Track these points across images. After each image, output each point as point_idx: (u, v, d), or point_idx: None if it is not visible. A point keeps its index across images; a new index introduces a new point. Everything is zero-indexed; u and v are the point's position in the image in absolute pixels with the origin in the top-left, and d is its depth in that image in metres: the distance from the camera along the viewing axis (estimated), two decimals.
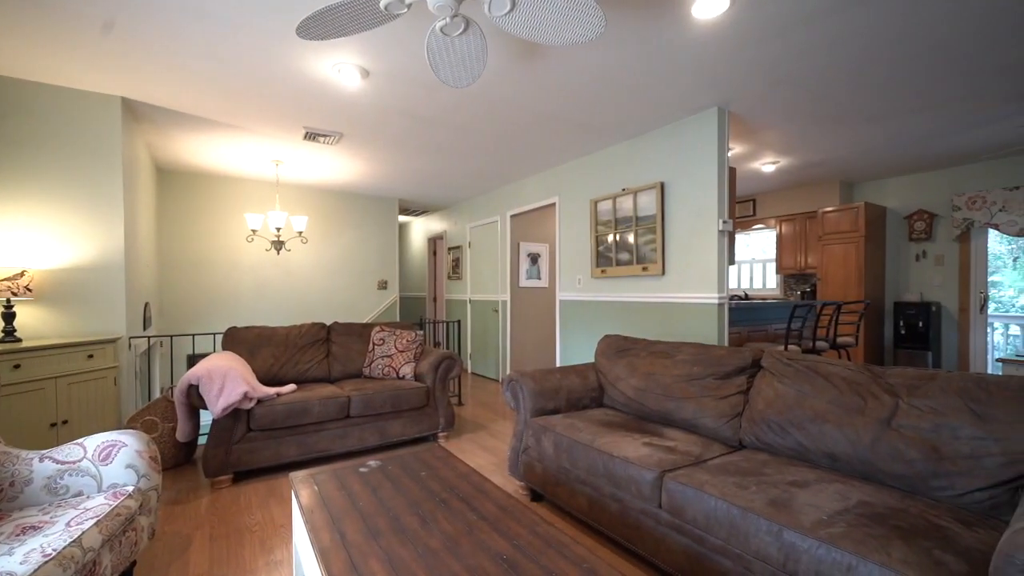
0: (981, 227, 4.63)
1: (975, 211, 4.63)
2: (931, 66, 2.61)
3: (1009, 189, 4.43)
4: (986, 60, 2.55)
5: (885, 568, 1.17)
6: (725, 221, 3.18)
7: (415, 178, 5.18)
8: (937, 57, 2.51)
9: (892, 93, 2.96)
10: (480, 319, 6.16)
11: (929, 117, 3.39)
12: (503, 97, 3.01)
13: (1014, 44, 2.38)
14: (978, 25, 2.21)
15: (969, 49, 2.43)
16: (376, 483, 1.67)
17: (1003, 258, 4.88)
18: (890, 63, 2.57)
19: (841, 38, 2.31)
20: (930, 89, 2.91)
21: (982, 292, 4.75)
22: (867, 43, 2.36)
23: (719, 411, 2.18)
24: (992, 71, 2.67)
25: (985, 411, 1.50)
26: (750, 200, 6.30)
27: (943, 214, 4.92)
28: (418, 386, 3.33)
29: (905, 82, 2.81)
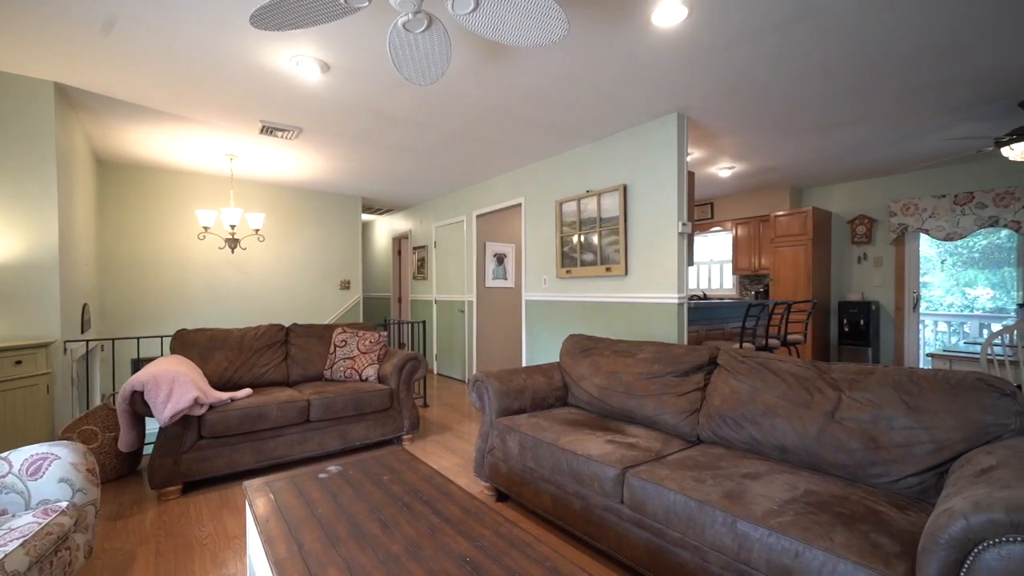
0: (914, 232, 5.00)
1: (909, 217, 4.98)
2: (869, 81, 2.79)
3: (937, 197, 4.79)
4: (918, 77, 2.74)
5: (828, 553, 1.24)
6: (684, 223, 3.28)
7: (379, 176, 5.08)
8: (874, 73, 2.68)
9: (835, 105, 3.15)
10: (446, 319, 6.11)
11: (868, 128, 3.63)
12: (468, 96, 2.99)
13: (941, 63, 2.58)
14: (911, 44, 2.38)
15: (903, 66, 2.61)
16: (336, 489, 1.63)
17: (932, 261, 5.28)
18: (832, 77, 2.73)
19: (788, 52, 2.43)
20: (869, 102, 3.11)
21: (915, 292, 5.12)
22: (811, 57, 2.50)
23: (678, 408, 2.25)
24: (923, 87, 2.89)
25: (916, 403, 1.61)
26: (708, 203, 6.54)
27: (881, 219, 5.27)
28: (382, 388, 3.26)
29: (846, 95, 2.99)
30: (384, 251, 8.04)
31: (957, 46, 2.40)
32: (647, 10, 2.09)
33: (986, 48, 2.42)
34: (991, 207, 4.48)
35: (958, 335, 5.16)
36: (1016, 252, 4.57)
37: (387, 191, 5.86)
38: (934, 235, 4.83)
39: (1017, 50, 2.44)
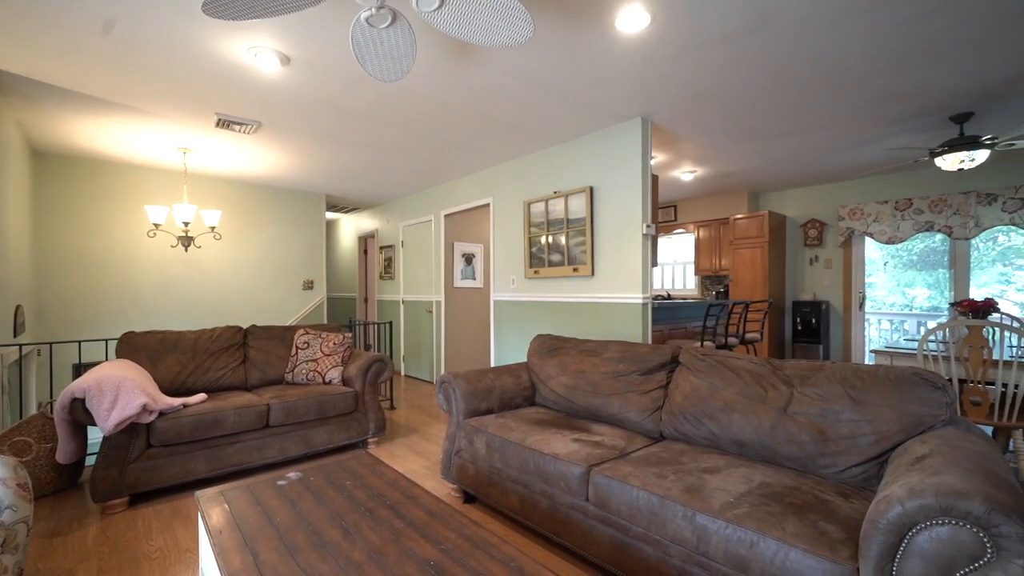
0: (860, 235, 5.31)
1: (855, 221, 5.29)
2: (818, 93, 2.94)
3: (880, 203, 5.11)
4: (862, 90, 2.91)
5: (781, 542, 1.30)
6: (649, 225, 3.37)
7: (343, 173, 4.95)
8: (823, 85, 2.83)
9: (788, 114, 3.30)
10: (414, 320, 6.03)
11: (819, 137, 3.83)
12: (436, 95, 2.96)
13: (882, 79, 2.75)
14: (856, 60, 2.52)
15: (849, 80, 2.77)
16: (296, 496, 1.57)
17: (876, 263, 5.62)
18: (785, 87, 2.86)
19: (743, 62, 2.54)
20: (818, 113, 3.28)
21: (861, 292, 5.44)
22: (765, 68, 2.61)
23: (642, 405, 2.30)
24: (866, 100, 3.07)
25: (860, 397, 1.71)
26: (672, 206, 6.73)
27: (831, 223, 5.57)
28: (346, 391, 3.18)
29: (798, 105, 3.14)
30: (350, 250, 7.86)
31: (896, 64, 2.56)
32: (611, 16, 2.12)
33: (921, 67, 2.60)
34: (927, 213, 4.82)
35: (899, 332, 5.51)
36: (949, 255, 4.92)
37: (352, 189, 5.73)
38: (877, 238, 5.14)
39: (947, 70, 2.63)
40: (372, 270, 7.39)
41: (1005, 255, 4.72)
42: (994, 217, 4.45)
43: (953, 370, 2.60)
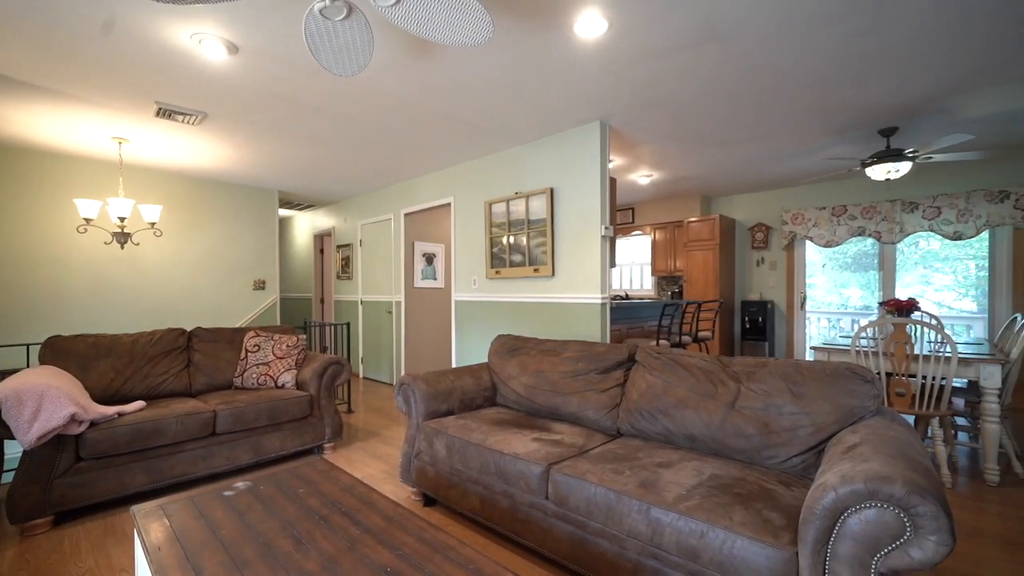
0: (801, 239, 5.65)
1: (797, 225, 5.63)
2: (764, 103, 3.11)
3: (819, 208, 5.46)
4: (802, 103, 3.11)
5: (728, 531, 1.37)
6: (607, 227, 3.44)
7: (298, 169, 4.77)
8: (769, 96, 3.00)
9: (737, 123, 3.47)
10: (373, 321, 5.89)
11: (764, 146, 4.05)
12: (395, 91, 2.91)
13: (823, 91, 2.94)
14: (797, 75, 2.69)
15: (791, 93, 2.94)
16: (244, 507, 1.50)
17: (816, 264, 6.01)
18: (734, 97, 3.01)
19: (696, 70, 2.65)
20: (764, 122, 3.46)
21: (802, 292, 5.79)
22: (715, 78, 2.73)
23: (600, 403, 2.35)
24: (807, 112, 3.27)
25: (800, 391, 1.83)
26: (629, 209, 6.91)
27: (776, 227, 5.90)
28: (300, 395, 3.07)
29: (746, 114, 3.31)
30: (305, 249, 7.57)
31: (832, 80, 2.75)
32: (570, 20, 2.16)
33: (853, 83, 2.80)
34: (859, 219, 5.20)
35: (836, 329, 5.92)
36: (878, 258, 5.33)
37: (307, 185, 5.52)
38: (817, 242, 5.50)
39: (875, 87, 2.85)
40: (329, 270, 7.16)
41: (925, 259, 5.17)
42: (916, 224, 4.86)
43: (881, 364, 2.82)
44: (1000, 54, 2.48)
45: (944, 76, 2.74)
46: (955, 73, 2.71)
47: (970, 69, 2.66)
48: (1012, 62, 2.57)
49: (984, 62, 2.57)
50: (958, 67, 2.63)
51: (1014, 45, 2.39)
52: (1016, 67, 2.63)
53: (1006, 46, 2.40)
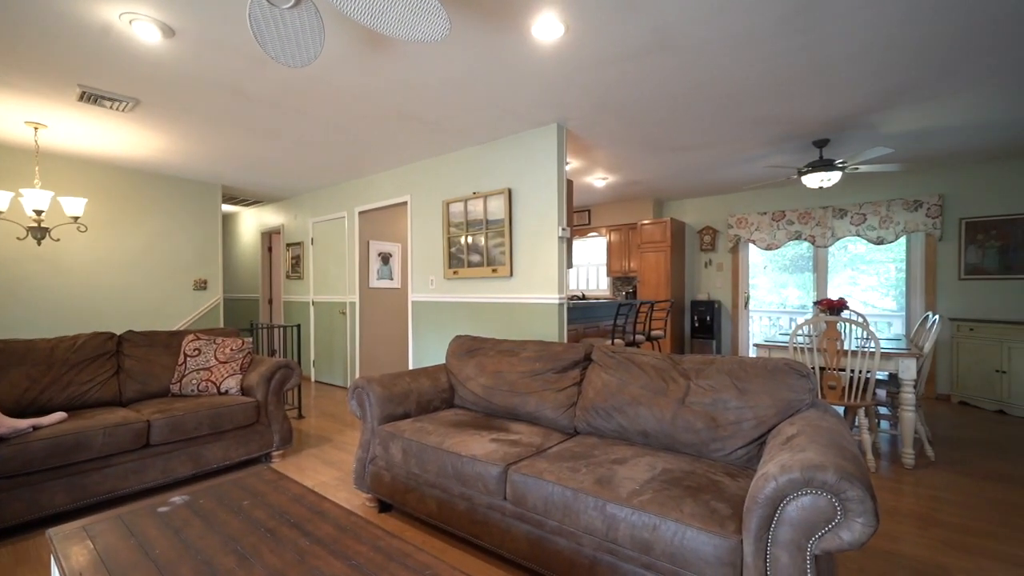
0: (745, 242, 5.98)
1: (741, 229, 5.95)
2: (709, 112, 3.26)
3: (761, 213, 5.80)
4: (745, 113, 3.29)
5: (679, 523, 1.42)
6: (564, 228, 3.49)
7: (243, 163, 4.52)
8: (713, 105, 3.15)
9: (684, 130, 3.62)
10: (325, 322, 5.68)
11: (712, 153, 4.25)
12: (349, 86, 2.81)
13: (761, 104, 3.12)
14: (740, 86, 2.84)
15: (734, 103, 3.10)
16: (181, 523, 1.40)
17: (758, 266, 6.38)
18: (682, 105, 3.14)
19: (646, 78, 2.74)
20: (710, 131, 3.64)
21: (746, 293, 6.13)
22: (664, 86, 2.84)
23: (557, 402, 2.38)
24: (749, 122, 3.47)
25: (744, 386, 1.93)
26: (586, 211, 7.06)
27: (722, 230, 6.21)
28: (245, 401, 2.91)
29: (693, 122, 3.46)
30: (251, 247, 7.19)
31: (771, 92, 2.93)
32: (528, 22, 2.17)
33: (789, 97, 2.99)
34: (796, 224, 5.56)
35: (776, 327, 6.31)
36: (812, 260, 5.73)
37: (254, 180, 5.25)
38: (759, 245, 5.83)
39: (809, 101, 3.06)
40: (277, 269, 6.83)
41: (853, 261, 5.62)
42: (845, 229, 5.26)
43: (815, 360, 3.03)
44: (914, 78, 2.73)
45: (868, 95, 2.98)
46: (878, 92, 2.95)
47: (890, 89, 2.91)
48: (925, 85, 2.84)
49: (901, 84, 2.82)
50: (880, 87, 2.87)
51: (925, 70, 2.64)
52: (927, 91, 2.90)
53: (919, 71, 2.65)
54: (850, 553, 2.01)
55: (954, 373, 4.55)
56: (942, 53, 2.47)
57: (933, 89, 2.92)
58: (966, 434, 3.63)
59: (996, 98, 3.07)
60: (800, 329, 3.15)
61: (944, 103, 3.14)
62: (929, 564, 1.93)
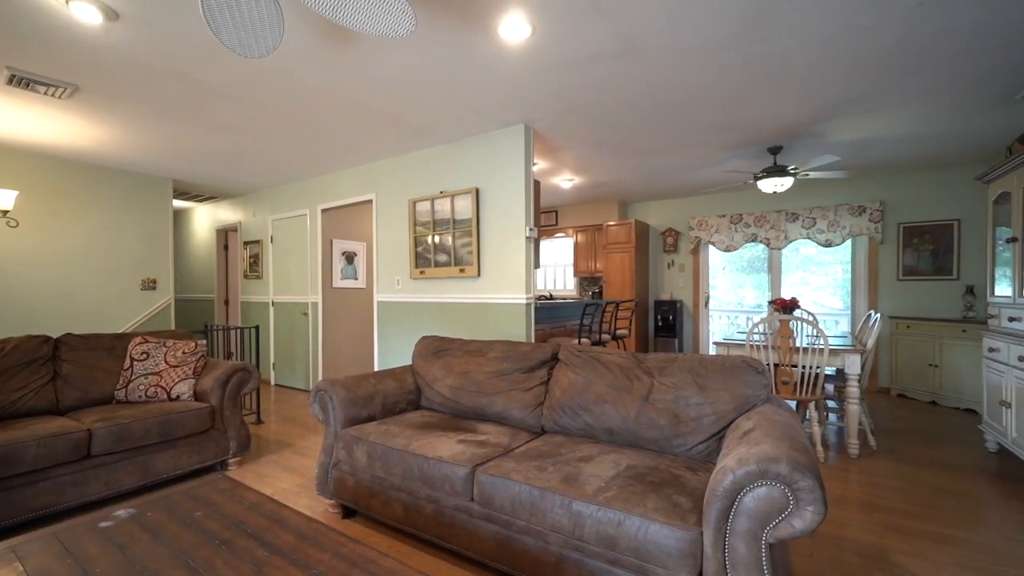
0: (705, 243, 6.19)
1: (702, 231, 6.16)
2: (671, 117, 3.36)
3: (720, 216, 6.03)
4: (704, 119, 3.41)
5: (643, 518, 1.45)
6: (531, 228, 3.51)
7: (197, 157, 4.30)
8: (675, 111, 3.25)
9: (647, 135, 3.72)
10: (286, 323, 5.48)
11: (673, 157, 4.38)
12: (311, 79, 2.73)
13: (720, 111, 3.24)
14: (699, 93, 2.94)
15: (694, 109, 3.21)
16: (126, 538, 1.32)
17: (718, 267, 6.62)
18: (644, 110, 3.22)
19: (611, 82, 2.79)
20: (672, 135, 3.75)
21: (706, 293, 6.35)
22: (628, 91, 2.91)
23: (525, 402, 2.39)
24: (708, 128, 3.60)
25: (704, 383, 1.99)
26: (553, 211, 7.12)
27: (684, 232, 6.41)
28: (199, 407, 2.77)
29: (655, 127, 3.55)
30: (206, 245, 6.85)
31: (728, 100, 3.04)
32: (495, 22, 2.17)
33: (747, 105, 3.13)
34: (753, 227, 5.81)
35: (734, 326, 6.58)
36: (768, 262, 6.00)
37: (209, 175, 5.00)
38: (718, 247, 6.06)
39: (763, 109, 3.21)
40: (234, 268, 6.54)
41: (804, 263, 5.93)
42: (797, 232, 5.54)
43: (770, 356, 3.17)
44: (859, 90, 2.91)
45: (817, 105, 3.15)
46: (826, 103, 3.12)
47: (838, 101, 3.08)
48: (868, 98, 3.02)
49: (847, 97, 3.00)
50: (828, 99, 3.04)
51: (868, 85, 2.81)
52: (870, 103, 3.10)
53: (863, 85, 2.82)
54: (801, 540, 2.11)
55: (894, 368, 4.88)
56: (883, 70, 2.64)
57: (875, 102, 3.11)
58: (904, 425, 3.89)
59: (929, 112, 3.31)
60: (756, 328, 3.30)
61: (885, 115, 3.36)
62: (872, 547, 2.06)
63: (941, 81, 2.80)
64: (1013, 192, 2.88)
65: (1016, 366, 2.73)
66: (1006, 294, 3.01)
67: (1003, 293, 3.07)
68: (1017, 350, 2.73)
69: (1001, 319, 3.03)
